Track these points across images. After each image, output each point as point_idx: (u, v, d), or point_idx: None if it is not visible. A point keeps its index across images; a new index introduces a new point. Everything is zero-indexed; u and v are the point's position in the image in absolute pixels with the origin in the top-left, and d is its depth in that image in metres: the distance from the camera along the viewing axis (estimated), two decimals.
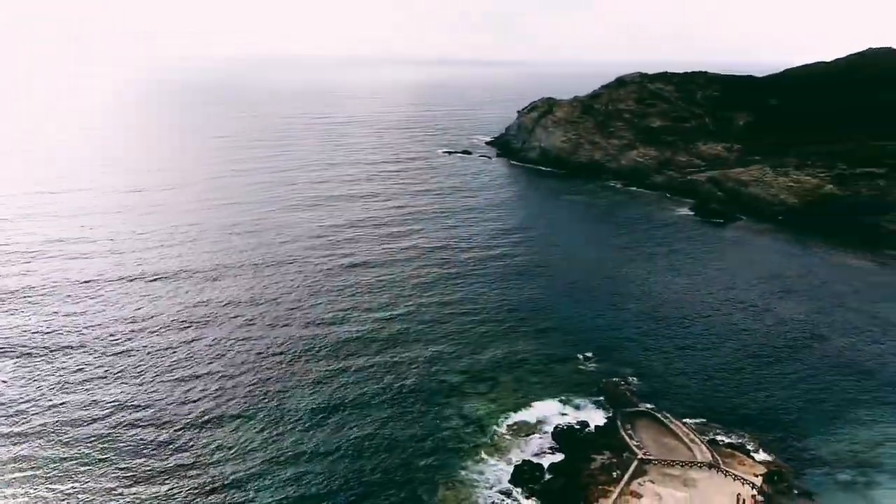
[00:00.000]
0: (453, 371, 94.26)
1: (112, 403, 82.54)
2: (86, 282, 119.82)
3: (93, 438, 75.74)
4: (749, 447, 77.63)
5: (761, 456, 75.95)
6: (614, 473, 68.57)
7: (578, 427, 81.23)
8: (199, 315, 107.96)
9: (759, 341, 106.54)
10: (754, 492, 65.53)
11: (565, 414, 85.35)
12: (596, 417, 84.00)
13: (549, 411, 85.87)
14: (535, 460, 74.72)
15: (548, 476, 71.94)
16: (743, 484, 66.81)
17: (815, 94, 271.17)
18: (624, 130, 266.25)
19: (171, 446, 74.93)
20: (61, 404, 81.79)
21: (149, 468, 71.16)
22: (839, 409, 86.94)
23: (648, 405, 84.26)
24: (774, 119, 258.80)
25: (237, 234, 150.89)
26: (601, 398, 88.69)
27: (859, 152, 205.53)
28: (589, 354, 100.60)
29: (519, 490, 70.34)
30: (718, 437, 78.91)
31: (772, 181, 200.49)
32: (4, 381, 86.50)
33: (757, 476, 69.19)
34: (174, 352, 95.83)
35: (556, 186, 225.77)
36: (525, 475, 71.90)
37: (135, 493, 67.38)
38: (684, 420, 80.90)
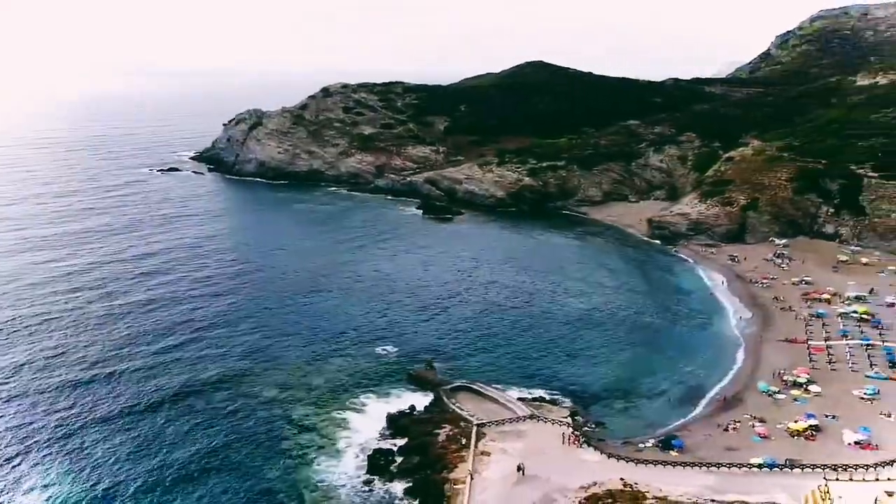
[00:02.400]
0: (269, 388, 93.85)
1: None
2: None
3: None
4: (547, 398, 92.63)
5: (558, 402, 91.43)
6: (463, 441, 77.28)
7: (408, 411, 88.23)
8: None
9: (515, 313, 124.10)
10: (571, 429, 79.57)
11: (389, 403, 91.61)
12: (418, 400, 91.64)
13: (374, 404, 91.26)
14: (383, 447, 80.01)
15: (400, 458, 77.83)
16: (560, 426, 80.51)
17: (492, 101, 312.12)
18: (338, 139, 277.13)
19: None
20: None
21: None
22: (597, 357, 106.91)
23: (462, 381, 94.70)
24: (466, 123, 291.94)
25: None
26: (414, 384, 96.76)
27: (541, 149, 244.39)
28: (388, 349, 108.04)
29: (379, 476, 75.02)
30: (522, 396, 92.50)
31: (481, 177, 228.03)
32: None
33: (566, 418, 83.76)
34: None
35: (286, 198, 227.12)
36: (380, 462, 76.76)
37: None
38: (494, 386, 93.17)
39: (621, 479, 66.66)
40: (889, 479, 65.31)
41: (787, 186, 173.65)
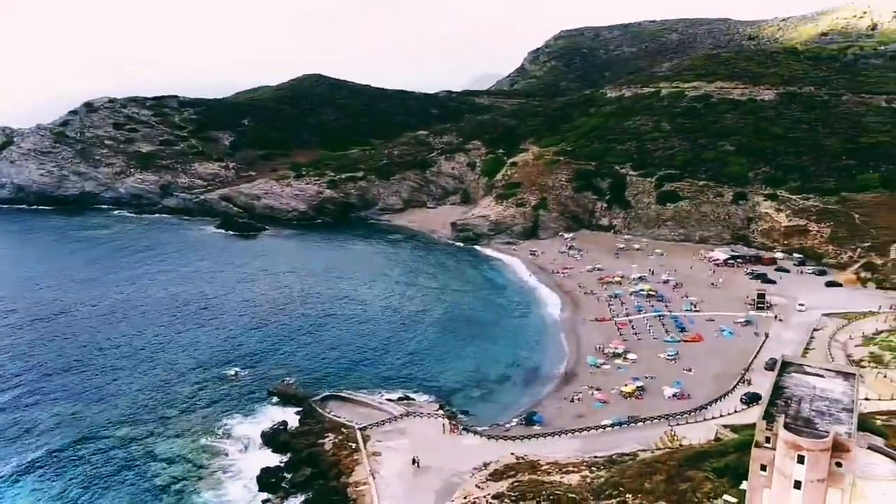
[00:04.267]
0: (119, 428, 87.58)
1: None
2: None
3: None
4: (412, 396, 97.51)
5: (423, 398, 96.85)
6: (352, 445, 79.30)
7: (281, 427, 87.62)
8: None
9: (354, 321, 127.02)
10: (448, 420, 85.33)
11: (258, 422, 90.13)
12: (287, 415, 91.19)
13: (242, 425, 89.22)
14: (268, 465, 79.09)
15: (291, 473, 77.68)
16: (436, 418, 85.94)
17: (276, 115, 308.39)
18: (112, 157, 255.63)
19: None
20: None
21: None
22: (442, 353, 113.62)
23: (329, 390, 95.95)
24: (252, 137, 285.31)
25: None
26: (277, 400, 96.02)
27: (336, 160, 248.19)
28: (237, 370, 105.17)
29: (273, 495, 74.53)
30: (388, 396, 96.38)
31: (280, 192, 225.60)
32: None
33: (437, 411, 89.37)
34: None
35: (64, 225, 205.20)
36: (271, 480, 76.14)
37: None
38: (360, 391, 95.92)
39: (512, 453, 73.84)
40: (714, 419, 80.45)
41: (568, 186, 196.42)
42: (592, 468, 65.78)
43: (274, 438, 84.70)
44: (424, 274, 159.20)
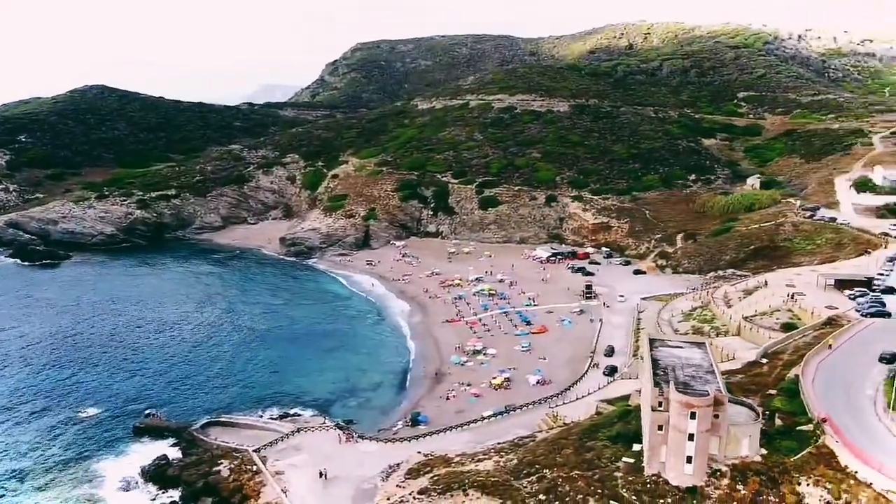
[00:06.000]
0: None
1: None
2: None
3: None
4: (290, 413, 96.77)
5: (303, 413, 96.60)
6: (253, 468, 77.56)
7: (163, 461, 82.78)
8: None
9: (204, 345, 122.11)
10: (341, 431, 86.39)
11: (132, 461, 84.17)
12: (163, 449, 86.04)
13: (115, 467, 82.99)
14: (162, 503, 75.02)
15: None
16: (330, 430, 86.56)
17: (58, 130, 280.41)
18: None
19: None
20: None
21: None
22: (306, 368, 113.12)
23: (207, 417, 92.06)
24: (34, 155, 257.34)
25: None
26: (147, 436, 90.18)
27: (140, 178, 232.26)
28: (91, 410, 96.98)
29: None
30: (268, 416, 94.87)
31: (81, 215, 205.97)
32: None
33: (324, 423, 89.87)
34: None
35: None
36: None
37: None
38: (237, 414, 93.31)
39: (419, 451, 77.24)
40: (584, 396, 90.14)
41: (394, 196, 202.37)
42: (501, 453, 71.40)
43: (159, 474, 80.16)
44: (266, 291, 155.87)
